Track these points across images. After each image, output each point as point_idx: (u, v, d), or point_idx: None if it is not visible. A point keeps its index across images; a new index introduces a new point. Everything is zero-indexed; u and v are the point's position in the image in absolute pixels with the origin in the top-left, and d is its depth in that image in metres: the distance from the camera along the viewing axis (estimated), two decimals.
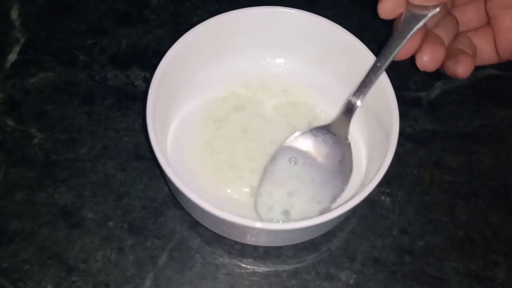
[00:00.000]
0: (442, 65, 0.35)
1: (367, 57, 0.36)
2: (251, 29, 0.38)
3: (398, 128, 0.34)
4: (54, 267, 0.36)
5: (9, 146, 0.40)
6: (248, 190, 0.36)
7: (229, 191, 0.36)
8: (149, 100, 0.34)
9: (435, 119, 0.42)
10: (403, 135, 0.41)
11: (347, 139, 0.35)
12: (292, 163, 0.36)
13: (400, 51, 0.34)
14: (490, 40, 0.36)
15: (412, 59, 0.45)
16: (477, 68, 0.45)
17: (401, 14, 0.34)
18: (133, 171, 0.39)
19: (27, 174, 0.39)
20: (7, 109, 0.41)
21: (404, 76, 0.44)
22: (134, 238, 0.37)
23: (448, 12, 0.35)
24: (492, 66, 0.45)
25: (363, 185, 0.35)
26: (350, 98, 0.34)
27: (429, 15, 0.33)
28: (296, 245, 0.37)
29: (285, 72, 0.41)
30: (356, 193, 0.32)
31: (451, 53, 0.35)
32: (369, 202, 0.39)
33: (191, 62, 0.38)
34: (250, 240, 0.35)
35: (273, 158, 0.36)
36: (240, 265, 0.36)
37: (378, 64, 0.34)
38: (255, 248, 0.37)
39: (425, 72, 0.44)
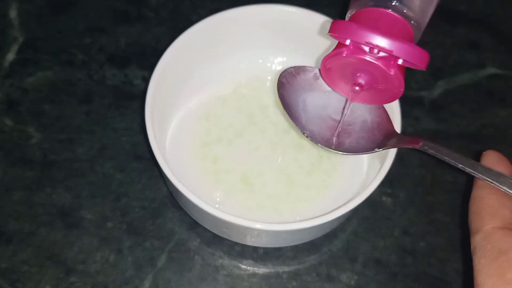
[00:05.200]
0: None
1: None
2: (251, 27, 0.38)
3: (400, 127, 0.34)
4: (52, 268, 0.35)
5: (7, 145, 0.39)
6: (248, 190, 0.36)
7: (228, 191, 0.36)
8: (148, 100, 0.34)
9: (437, 118, 0.42)
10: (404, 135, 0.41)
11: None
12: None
13: None
14: None
15: None
16: (479, 67, 0.45)
17: None
18: (132, 171, 0.39)
19: (25, 174, 0.38)
20: (5, 109, 0.41)
21: (405, 75, 0.44)
22: (133, 239, 0.36)
23: None
24: (494, 65, 0.45)
25: (364, 185, 0.35)
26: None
27: None
28: (297, 246, 0.36)
29: None
30: (358, 193, 0.32)
31: None
32: (371, 202, 0.38)
33: (190, 61, 0.38)
34: (250, 241, 0.35)
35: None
36: (240, 266, 0.36)
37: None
38: (255, 249, 0.36)
39: (427, 71, 0.44)
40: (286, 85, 0.34)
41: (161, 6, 0.46)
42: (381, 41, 0.27)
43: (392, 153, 0.33)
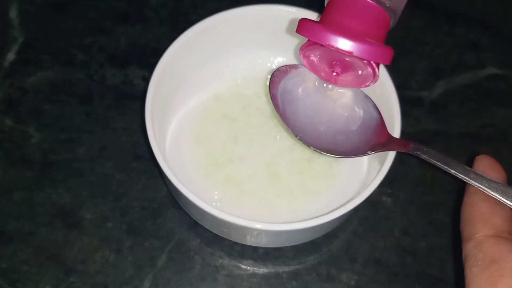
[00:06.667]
0: None
1: None
2: (251, 27, 0.38)
3: (400, 127, 0.34)
4: (52, 268, 0.35)
5: (7, 145, 0.39)
6: (248, 189, 0.36)
7: (229, 191, 0.36)
8: (148, 100, 0.34)
9: (437, 118, 0.42)
10: (404, 135, 0.41)
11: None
12: None
13: None
14: None
15: (414, 59, 0.44)
16: (479, 67, 0.45)
17: None
18: (132, 171, 0.39)
19: (25, 174, 0.38)
20: (5, 109, 0.41)
21: (405, 75, 0.44)
22: (132, 239, 0.36)
23: None
24: (493, 65, 0.44)
25: (364, 185, 0.35)
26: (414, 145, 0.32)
27: None
28: (297, 246, 0.36)
29: None
30: (358, 193, 0.32)
31: None
32: (371, 202, 0.38)
33: (190, 61, 0.38)
34: (250, 241, 0.35)
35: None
36: (240, 266, 0.36)
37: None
38: (255, 249, 0.36)
39: (427, 71, 0.44)
40: (278, 85, 0.35)
41: (161, 6, 0.46)
42: (342, 44, 0.28)
43: (392, 153, 0.33)
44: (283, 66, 0.35)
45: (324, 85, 0.35)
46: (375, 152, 0.33)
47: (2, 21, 0.45)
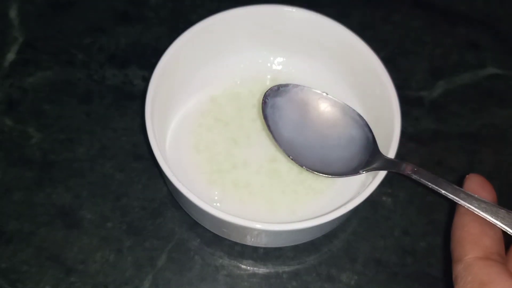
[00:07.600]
0: None
1: (368, 56, 0.36)
2: (250, 27, 0.38)
3: (400, 127, 0.34)
4: (52, 268, 0.35)
5: (7, 145, 0.39)
6: (248, 189, 0.36)
7: (229, 191, 0.36)
8: (148, 100, 0.34)
9: (437, 118, 0.42)
10: (404, 135, 0.41)
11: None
12: None
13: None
14: None
15: (414, 59, 0.44)
16: (479, 67, 0.45)
17: None
18: (132, 171, 0.39)
19: (25, 174, 0.38)
20: (5, 109, 0.41)
21: (405, 75, 0.44)
22: (132, 239, 0.36)
23: None
24: (494, 65, 0.44)
25: (364, 185, 0.35)
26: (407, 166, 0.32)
27: None
28: (297, 246, 0.36)
29: (285, 70, 0.40)
30: (358, 193, 0.32)
31: None
32: (371, 202, 0.38)
33: (190, 61, 0.38)
34: (250, 241, 0.35)
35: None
36: (240, 266, 0.36)
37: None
38: (255, 249, 0.36)
39: (427, 71, 0.44)
40: (269, 105, 0.35)
41: (161, 6, 0.46)
42: None
43: (391, 153, 0.33)
44: (274, 86, 0.35)
45: (316, 105, 0.35)
46: (367, 171, 0.33)
47: (2, 21, 0.45)
